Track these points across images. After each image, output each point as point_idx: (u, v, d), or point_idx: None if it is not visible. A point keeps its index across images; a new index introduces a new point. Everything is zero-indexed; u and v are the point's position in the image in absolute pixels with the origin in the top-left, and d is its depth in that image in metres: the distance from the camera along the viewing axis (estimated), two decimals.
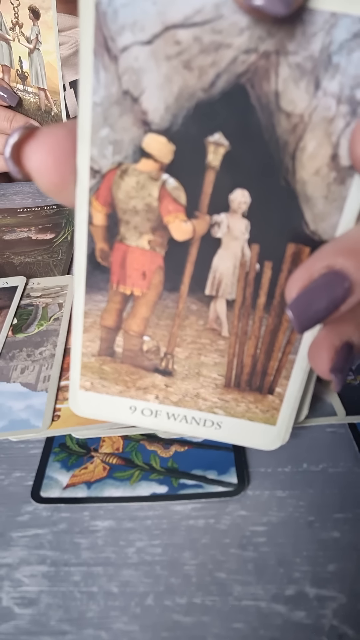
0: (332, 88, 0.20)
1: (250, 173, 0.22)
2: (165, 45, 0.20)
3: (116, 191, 0.23)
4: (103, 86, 0.21)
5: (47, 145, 0.22)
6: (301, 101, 0.20)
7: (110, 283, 0.26)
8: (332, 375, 0.24)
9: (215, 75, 0.20)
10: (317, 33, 0.19)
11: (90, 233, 0.25)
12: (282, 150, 0.21)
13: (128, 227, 0.24)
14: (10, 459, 0.35)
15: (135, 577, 0.28)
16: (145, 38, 0.20)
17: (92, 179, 0.23)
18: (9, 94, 0.67)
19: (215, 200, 0.23)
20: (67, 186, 0.23)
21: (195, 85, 0.20)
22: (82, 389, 0.30)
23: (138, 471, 0.34)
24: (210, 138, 0.21)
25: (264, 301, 0.26)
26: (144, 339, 0.28)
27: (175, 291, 0.26)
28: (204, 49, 0.20)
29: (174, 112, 0.21)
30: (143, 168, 0.23)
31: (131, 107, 0.21)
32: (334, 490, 0.32)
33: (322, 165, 0.22)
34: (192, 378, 0.28)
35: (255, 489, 0.32)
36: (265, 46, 0.19)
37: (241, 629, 0.26)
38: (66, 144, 0.22)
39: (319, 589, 0.28)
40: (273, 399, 0.29)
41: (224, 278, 0.25)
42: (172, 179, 0.23)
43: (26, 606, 0.28)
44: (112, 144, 0.22)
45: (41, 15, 0.62)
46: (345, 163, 0.21)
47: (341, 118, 0.20)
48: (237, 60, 0.20)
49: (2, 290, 0.50)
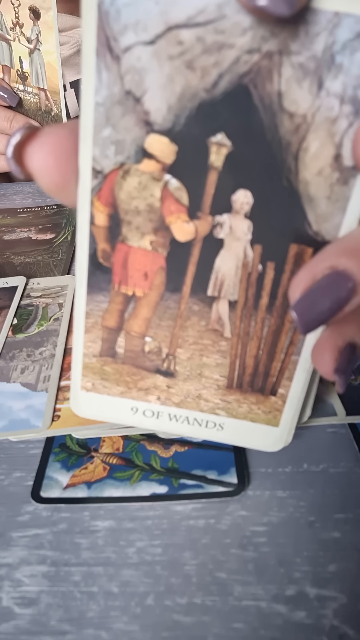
0: (335, 88, 0.20)
1: (253, 173, 0.22)
2: (168, 45, 0.20)
3: (118, 191, 0.23)
4: (105, 86, 0.21)
5: (48, 146, 0.22)
6: (304, 101, 0.20)
7: (112, 283, 0.26)
8: (336, 376, 0.24)
9: (217, 76, 0.20)
10: (320, 33, 0.19)
11: (92, 233, 0.25)
12: (285, 150, 0.21)
13: (130, 227, 0.24)
14: (10, 459, 0.35)
15: (135, 577, 0.28)
16: (148, 38, 0.20)
17: (94, 179, 0.23)
18: (9, 94, 0.67)
19: (217, 200, 0.23)
20: (69, 186, 0.23)
21: (198, 86, 0.20)
22: (84, 389, 0.30)
23: (138, 471, 0.34)
24: (213, 138, 0.21)
25: (266, 302, 0.26)
26: (145, 340, 0.28)
27: (177, 292, 0.26)
28: (207, 49, 0.20)
29: (176, 113, 0.21)
30: (145, 168, 0.23)
31: (133, 107, 0.21)
32: (334, 490, 0.32)
33: (325, 166, 0.22)
34: (194, 379, 0.28)
35: (255, 489, 0.32)
36: (268, 46, 0.19)
37: (241, 629, 0.26)
38: (68, 144, 0.22)
39: (319, 589, 0.28)
40: (275, 400, 0.29)
41: (226, 279, 0.25)
42: (174, 179, 0.23)
43: (26, 606, 0.28)
44: (115, 144, 0.22)
45: (41, 15, 0.62)
46: (348, 163, 0.21)
47: (344, 118, 0.20)
48: (240, 60, 0.20)
49: (2, 290, 0.50)
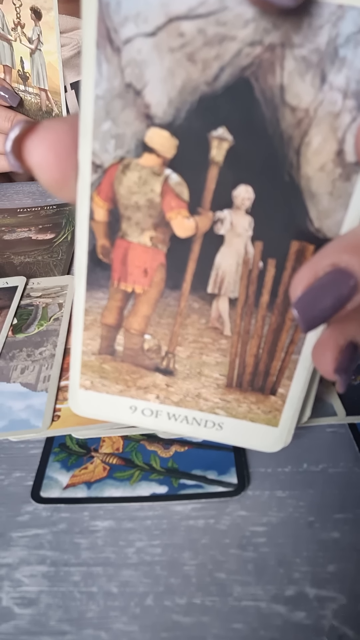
0: (339, 82, 0.20)
1: (254, 169, 0.22)
2: (169, 38, 0.20)
3: (118, 186, 0.23)
4: (105, 79, 0.21)
5: (48, 141, 0.22)
6: (306, 95, 0.20)
7: (111, 280, 0.26)
8: (337, 375, 0.24)
9: (219, 69, 0.20)
10: (323, 25, 0.19)
11: (91, 229, 0.24)
12: (287, 145, 0.21)
13: (130, 223, 0.24)
14: (10, 459, 0.35)
15: (135, 577, 0.28)
16: (149, 30, 0.20)
17: (93, 173, 0.23)
18: (10, 94, 0.67)
19: (218, 196, 0.23)
20: (69, 182, 0.23)
21: (199, 79, 0.20)
22: (82, 387, 0.29)
23: (138, 471, 0.34)
24: (214, 132, 0.21)
25: (267, 299, 0.25)
26: (145, 338, 0.27)
27: (177, 289, 0.26)
28: (208, 42, 0.19)
29: (177, 106, 0.21)
30: (145, 163, 0.22)
31: (134, 100, 0.21)
32: (334, 490, 0.32)
33: (327, 161, 0.21)
34: (194, 378, 0.28)
35: (255, 489, 0.32)
36: (271, 39, 0.19)
37: (241, 630, 0.26)
38: (67, 139, 0.22)
39: (319, 590, 0.27)
40: (275, 400, 0.28)
41: (227, 276, 0.25)
42: (174, 174, 0.23)
43: (26, 606, 0.27)
44: (114, 138, 0.22)
45: (43, 15, 0.62)
46: (350, 159, 0.21)
47: (347, 113, 0.20)
48: (242, 53, 0.19)
49: (2, 290, 0.50)
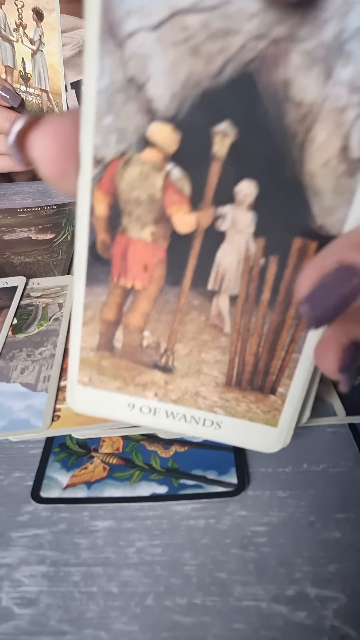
0: (344, 77, 0.19)
1: (257, 164, 0.22)
2: (172, 31, 0.19)
3: (119, 181, 0.23)
4: (108, 73, 0.20)
5: (51, 134, 0.22)
6: (311, 90, 0.20)
7: (111, 276, 0.26)
8: (340, 375, 0.24)
9: (223, 63, 0.20)
10: (330, 19, 0.18)
11: (91, 224, 0.24)
12: (291, 140, 0.21)
13: (130, 218, 0.24)
14: (10, 459, 0.35)
15: (135, 577, 0.28)
16: (152, 23, 0.19)
17: (94, 168, 0.23)
18: (11, 95, 0.67)
19: (220, 191, 0.23)
20: (70, 176, 0.23)
21: (202, 73, 0.20)
22: (80, 384, 0.29)
23: (138, 471, 0.33)
24: (217, 127, 0.21)
25: (268, 297, 0.25)
26: (144, 334, 0.27)
27: (177, 285, 0.26)
28: (212, 35, 0.19)
29: (179, 100, 0.21)
30: (147, 158, 0.22)
31: (136, 94, 0.21)
32: (335, 490, 0.32)
33: (331, 157, 0.21)
34: (193, 375, 0.28)
35: (255, 489, 0.32)
36: (276, 32, 0.19)
37: (242, 630, 0.26)
38: (70, 133, 0.22)
39: (320, 590, 0.27)
40: (275, 399, 0.28)
41: (228, 273, 0.25)
42: (176, 169, 0.22)
43: (26, 606, 0.27)
44: (116, 132, 0.22)
45: (45, 16, 0.62)
46: (355, 155, 0.21)
47: (352, 108, 0.20)
48: (246, 47, 0.19)
49: (2, 290, 0.50)
